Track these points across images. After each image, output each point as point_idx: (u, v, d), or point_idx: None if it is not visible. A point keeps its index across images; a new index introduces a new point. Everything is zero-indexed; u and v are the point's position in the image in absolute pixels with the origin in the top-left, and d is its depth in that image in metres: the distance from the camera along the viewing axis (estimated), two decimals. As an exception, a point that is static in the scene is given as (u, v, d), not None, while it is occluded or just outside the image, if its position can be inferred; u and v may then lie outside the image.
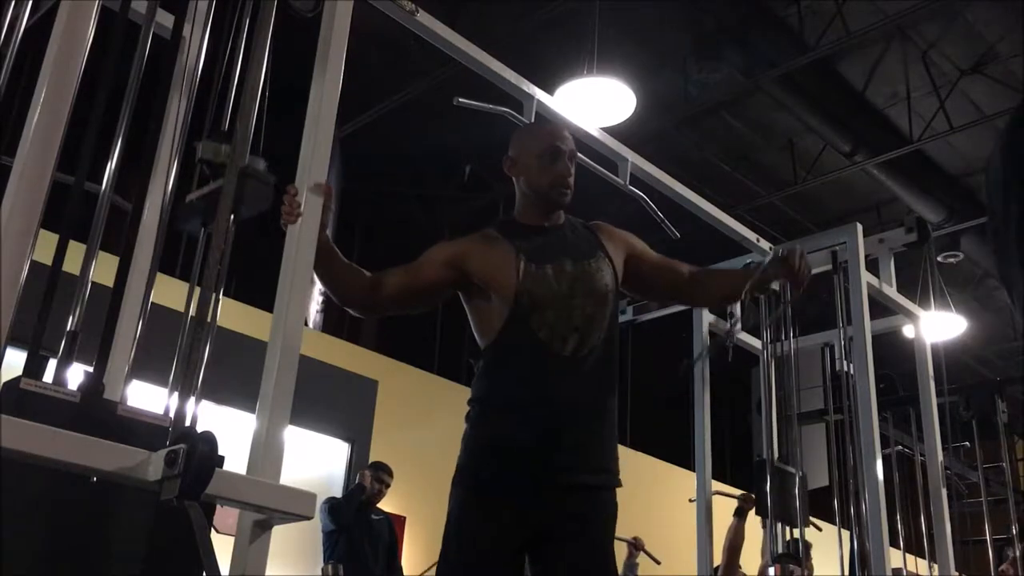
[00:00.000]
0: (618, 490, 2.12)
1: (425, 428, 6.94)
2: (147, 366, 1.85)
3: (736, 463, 9.73)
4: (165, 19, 2.20)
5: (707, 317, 4.45)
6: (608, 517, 2.09)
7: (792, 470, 3.91)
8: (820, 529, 4.26)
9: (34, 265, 1.46)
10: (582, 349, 2.08)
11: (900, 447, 6.34)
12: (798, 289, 2.19)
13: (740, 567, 4.56)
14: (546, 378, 2.07)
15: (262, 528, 1.58)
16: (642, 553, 4.64)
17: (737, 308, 4.47)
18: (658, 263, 2.32)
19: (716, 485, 4.30)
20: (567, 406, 2.06)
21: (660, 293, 2.42)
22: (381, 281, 2.14)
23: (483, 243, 2.19)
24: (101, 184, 1.94)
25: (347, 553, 4.94)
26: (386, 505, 5.61)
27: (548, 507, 2.00)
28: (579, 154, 3.34)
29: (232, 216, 1.69)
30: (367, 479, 5.25)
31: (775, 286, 2.48)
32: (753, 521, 4.37)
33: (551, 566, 2.00)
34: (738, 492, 4.41)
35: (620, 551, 4.47)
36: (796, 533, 3.88)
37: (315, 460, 6.43)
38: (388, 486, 5.33)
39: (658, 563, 4.61)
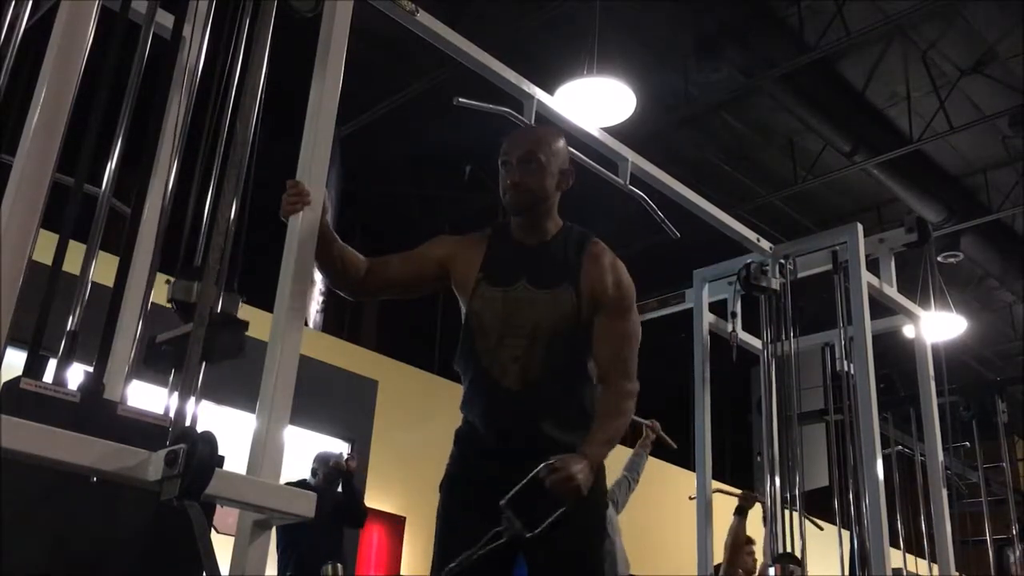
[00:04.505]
0: None
1: (425, 428, 6.92)
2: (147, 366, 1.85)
3: (736, 463, 9.72)
4: (165, 19, 2.20)
5: (707, 317, 4.44)
6: (585, 519, 2.00)
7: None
8: (821, 528, 4.26)
9: (34, 265, 1.46)
10: (525, 382, 2.02)
11: (900, 447, 6.33)
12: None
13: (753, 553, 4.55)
14: (489, 408, 2.06)
15: (262, 528, 1.58)
16: (657, 436, 4.55)
17: (738, 307, 4.47)
18: (597, 334, 2.08)
19: (716, 484, 4.28)
20: (513, 437, 2.03)
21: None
22: (376, 268, 2.15)
23: (468, 248, 2.17)
24: (101, 186, 1.94)
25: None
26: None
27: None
28: (579, 154, 3.36)
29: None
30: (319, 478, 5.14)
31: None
32: (754, 519, 4.38)
33: (536, 564, 2.00)
34: (739, 491, 4.41)
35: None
36: (796, 532, 3.88)
37: (315, 460, 6.41)
38: (347, 462, 5.16)
39: (674, 448, 4.53)
